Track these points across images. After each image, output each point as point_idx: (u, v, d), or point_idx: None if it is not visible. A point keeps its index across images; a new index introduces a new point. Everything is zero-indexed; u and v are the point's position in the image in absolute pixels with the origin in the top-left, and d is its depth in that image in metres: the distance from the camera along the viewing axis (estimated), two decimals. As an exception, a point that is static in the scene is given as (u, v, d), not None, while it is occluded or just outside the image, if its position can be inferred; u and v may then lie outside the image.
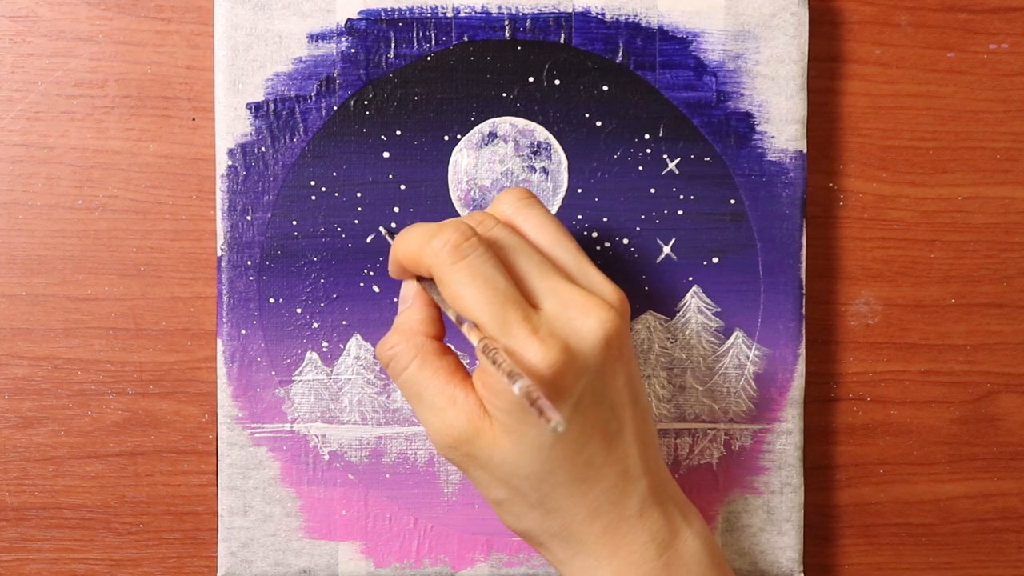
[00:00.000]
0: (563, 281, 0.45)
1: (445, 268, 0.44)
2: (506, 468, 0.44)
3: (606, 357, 0.44)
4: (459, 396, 0.44)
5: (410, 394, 0.46)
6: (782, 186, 0.53)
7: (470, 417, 0.44)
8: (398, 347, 0.46)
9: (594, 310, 0.44)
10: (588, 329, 0.43)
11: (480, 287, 0.43)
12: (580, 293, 0.44)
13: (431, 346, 0.46)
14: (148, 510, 0.55)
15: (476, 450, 0.44)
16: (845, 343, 0.56)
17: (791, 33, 0.53)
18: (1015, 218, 0.56)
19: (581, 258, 0.46)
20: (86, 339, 0.54)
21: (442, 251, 0.44)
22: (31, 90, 0.54)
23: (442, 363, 0.46)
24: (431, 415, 0.45)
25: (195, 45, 0.54)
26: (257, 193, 0.52)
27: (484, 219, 0.46)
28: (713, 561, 0.46)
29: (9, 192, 0.54)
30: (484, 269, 0.43)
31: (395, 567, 0.53)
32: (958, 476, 0.56)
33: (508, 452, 0.44)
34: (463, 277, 0.43)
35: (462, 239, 0.44)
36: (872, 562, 0.56)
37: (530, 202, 0.47)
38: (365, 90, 0.53)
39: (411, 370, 0.45)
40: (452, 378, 0.45)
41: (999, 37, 0.56)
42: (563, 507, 0.45)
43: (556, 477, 0.44)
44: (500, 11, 0.53)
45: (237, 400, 0.53)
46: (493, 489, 0.45)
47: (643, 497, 0.45)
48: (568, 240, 0.46)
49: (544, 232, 0.46)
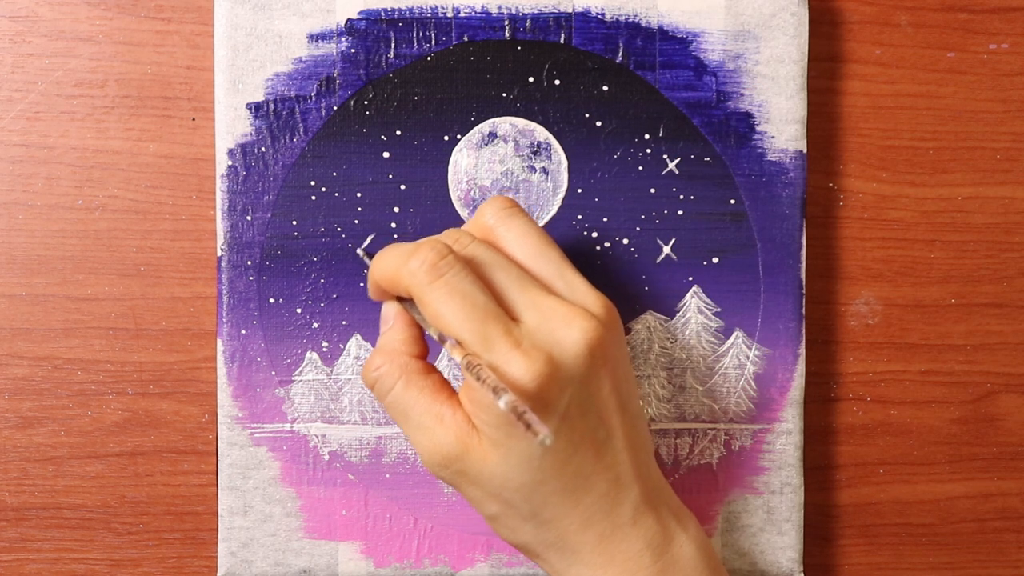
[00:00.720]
0: (543, 293, 0.45)
1: (424, 288, 0.44)
2: (497, 482, 0.44)
3: (590, 366, 0.44)
4: (446, 414, 0.45)
5: (397, 415, 0.46)
6: (782, 186, 0.53)
7: (458, 434, 0.44)
8: (382, 368, 0.46)
9: (575, 320, 0.44)
10: (570, 340, 0.44)
11: (459, 304, 0.43)
12: (561, 304, 0.44)
13: (415, 366, 0.46)
14: (148, 510, 0.55)
15: (466, 466, 0.44)
16: (845, 343, 0.56)
17: (791, 33, 0.53)
18: (1015, 218, 0.56)
19: (564, 267, 0.46)
20: (86, 339, 0.54)
21: (419, 271, 0.44)
22: (31, 90, 0.54)
23: (427, 382, 0.46)
24: (419, 435, 0.45)
25: (195, 45, 0.54)
26: (257, 193, 0.52)
27: (460, 236, 0.46)
28: (709, 565, 0.46)
29: (9, 192, 0.54)
30: (462, 286, 0.43)
31: (395, 567, 0.53)
32: (958, 476, 0.56)
33: (498, 466, 0.44)
34: (442, 295, 0.43)
35: (438, 258, 0.44)
36: (872, 562, 0.56)
37: (512, 212, 0.47)
38: (365, 90, 0.53)
39: (396, 391, 0.45)
40: (438, 396, 0.45)
41: (999, 37, 0.56)
42: (556, 517, 0.45)
43: (547, 488, 0.44)
44: (500, 11, 0.53)
45: (237, 400, 0.53)
46: (486, 504, 0.45)
47: (636, 504, 0.45)
48: (551, 249, 0.46)
49: (526, 243, 0.46)
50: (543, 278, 0.46)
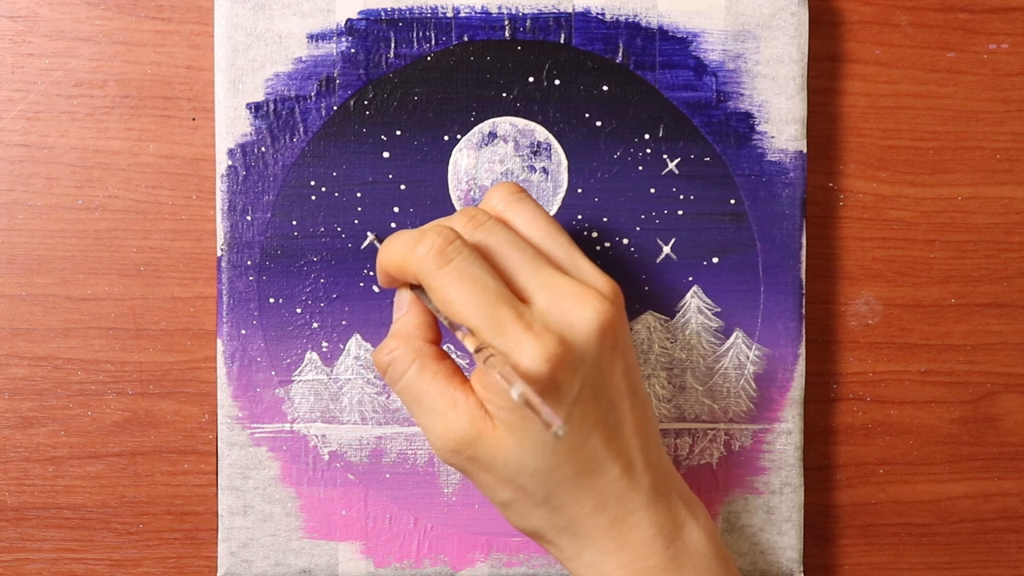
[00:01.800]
0: (556, 273, 0.44)
1: (432, 274, 0.44)
2: (511, 467, 0.44)
3: (602, 347, 0.44)
4: (459, 399, 0.44)
5: (409, 399, 0.45)
6: (782, 186, 0.53)
7: (472, 419, 0.44)
8: (396, 352, 0.46)
9: (588, 300, 0.44)
10: (583, 320, 0.43)
11: (469, 289, 0.43)
12: (573, 284, 0.44)
13: (429, 350, 0.46)
14: (148, 510, 0.55)
15: (479, 452, 0.44)
16: (845, 343, 0.56)
17: (791, 33, 0.53)
18: (1015, 218, 0.56)
19: (573, 251, 0.46)
20: (86, 339, 0.54)
21: (427, 257, 0.44)
22: (31, 90, 0.54)
23: (440, 367, 0.45)
24: (432, 419, 0.45)
25: (195, 45, 0.54)
26: (257, 193, 0.52)
27: (476, 213, 0.46)
28: (718, 554, 0.46)
29: (9, 192, 0.54)
30: (471, 270, 0.43)
31: (395, 567, 0.53)
32: (958, 476, 0.56)
33: (512, 451, 0.44)
34: (451, 281, 0.43)
35: (446, 243, 0.44)
36: (872, 562, 0.56)
37: (520, 196, 0.47)
38: (365, 90, 0.53)
39: (410, 374, 0.45)
40: (451, 381, 0.45)
41: (999, 37, 0.56)
42: (569, 502, 0.45)
43: (561, 472, 0.44)
44: (500, 11, 0.53)
45: (237, 400, 0.53)
46: (499, 490, 0.45)
47: (647, 490, 0.45)
48: (560, 233, 0.46)
49: (535, 226, 0.46)
50: (553, 260, 0.46)
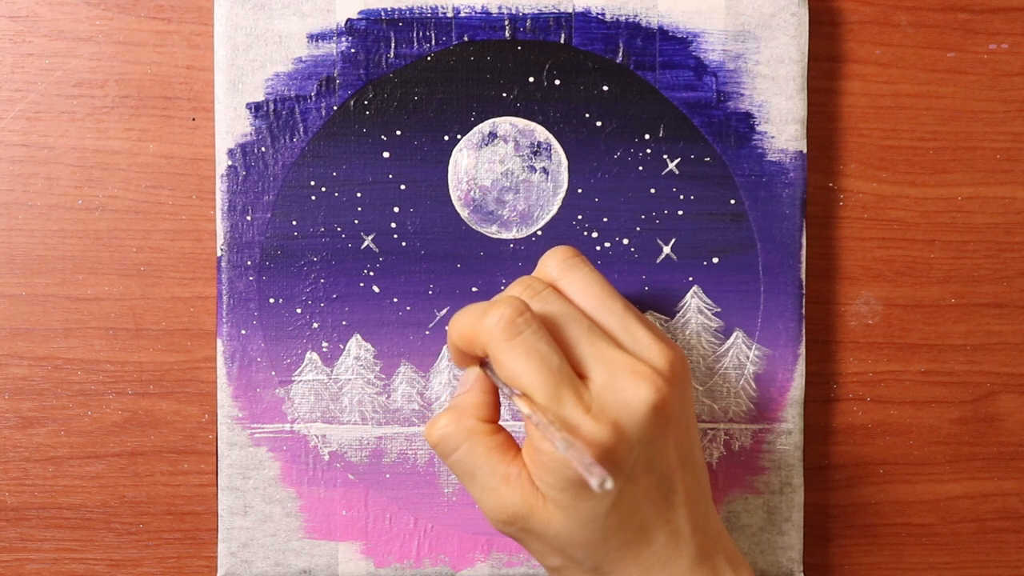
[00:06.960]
0: (611, 347, 0.44)
1: (500, 345, 0.43)
2: (561, 539, 0.44)
3: (655, 425, 0.44)
4: (512, 474, 0.45)
5: (462, 473, 0.46)
6: (782, 186, 0.53)
7: (524, 495, 0.44)
8: (447, 428, 0.46)
9: (642, 380, 0.44)
10: (637, 400, 0.43)
11: (536, 365, 0.43)
12: (628, 360, 0.44)
13: (481, 428, 0.46)
14: (148, 510, 0.55)
15: (531, 525, 0.44)
16: (845, 343, 0.56)
17: (791, 33, 0.53)
18: (1015, 218, 0.56)
19: (628, 318, 0.46)
20: (86, 339, 0.54)
21: (495, 328, 0.43)
22: (31, 90, 0.54)
23: (493, 441, 0.45)
24: (485, 494, 0.45)
25: (195, 45, 0.54)
26: (257, 193, 0.52)
27: (532, 282, 0.46)
28: None
29: (9, 192, 0.54)
30: (539, 346, 0.43)
31: (395, 567, 0.53)
32: (958, 476, 0.56)
33: (563, 526, 0.44)
34: (519, 354, 0.43)
35: (516, 314, 0.44)
36: (872, 562, 0.56)
37: (575, 262, 0.47)
38: (365, 90, 0.53)
39: (462, 451, 0.45)
40: (504, 456, 0.45)
41: (999, 37, 0.56)
42: (616, 570, 0.45)
43: (610, 543, 0.44)
44: (500, 11, 0.53)
45: (237, 400, 0.53)
46: (549, 557, 0.46)
47: (693, 556, 0.45)
48: (615, 300, 0.46)
49: (590, 294, 0.46)
50: (607, 330, 0.46)
